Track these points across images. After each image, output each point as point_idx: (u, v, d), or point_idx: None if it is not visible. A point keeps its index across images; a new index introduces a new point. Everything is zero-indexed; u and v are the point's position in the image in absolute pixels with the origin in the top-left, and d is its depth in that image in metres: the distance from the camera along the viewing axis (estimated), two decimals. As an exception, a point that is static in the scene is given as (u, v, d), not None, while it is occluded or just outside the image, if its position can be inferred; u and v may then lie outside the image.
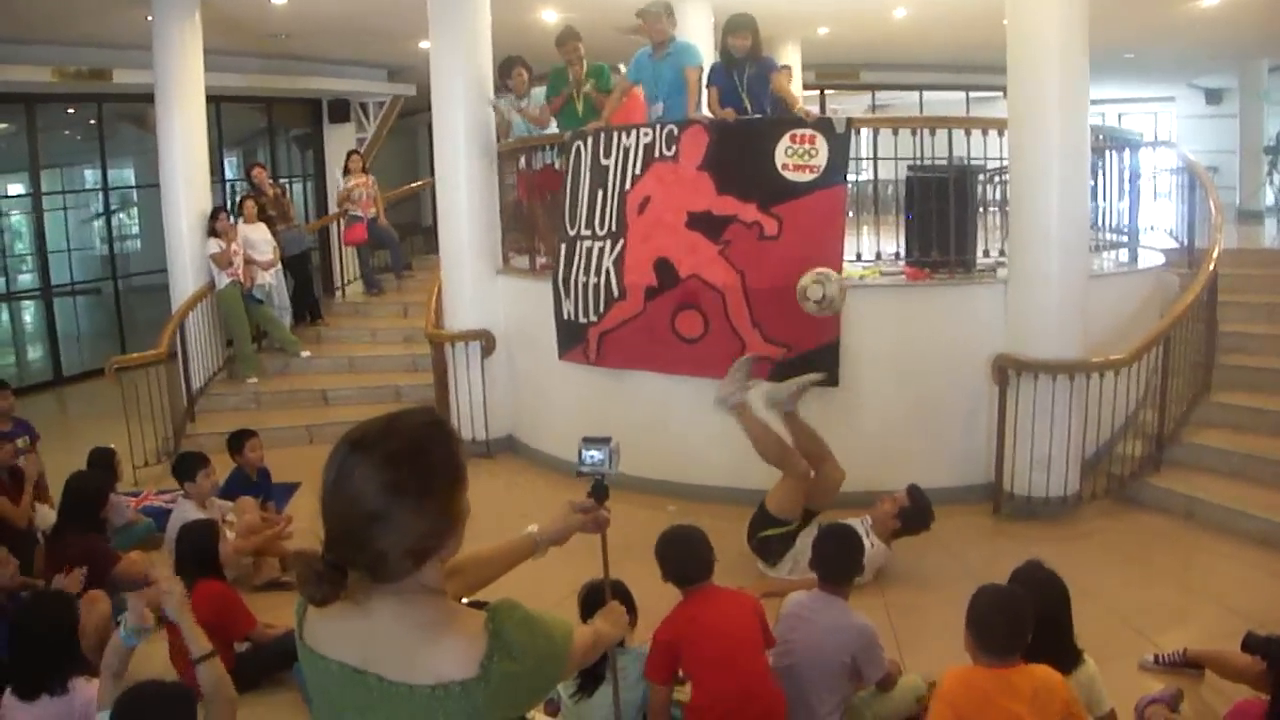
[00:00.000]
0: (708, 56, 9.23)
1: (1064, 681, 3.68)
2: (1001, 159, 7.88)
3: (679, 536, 4.42)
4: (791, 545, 6.21)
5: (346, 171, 12.82)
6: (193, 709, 3.53)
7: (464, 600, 2.53)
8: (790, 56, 14.40)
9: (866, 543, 5.48)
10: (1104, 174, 8.44)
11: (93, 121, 13.76)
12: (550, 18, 12.12)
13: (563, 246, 8.19)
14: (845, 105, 19.54)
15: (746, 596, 4.38)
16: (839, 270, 7.11)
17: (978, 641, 3.68)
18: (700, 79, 8.05)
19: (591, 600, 3.82)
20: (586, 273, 7.93)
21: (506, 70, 9.20)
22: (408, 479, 1.82)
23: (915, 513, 6.18)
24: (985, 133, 7.93)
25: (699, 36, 10.67)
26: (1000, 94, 12.23)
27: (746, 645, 4.11)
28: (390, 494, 1.81)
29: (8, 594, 5.15)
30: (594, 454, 2.84)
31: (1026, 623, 3.66)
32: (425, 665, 1.83)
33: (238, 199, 12.05)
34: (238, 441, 7.30)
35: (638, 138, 7.80)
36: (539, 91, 9.34)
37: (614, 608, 2.69)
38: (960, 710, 3.59)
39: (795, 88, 13.48)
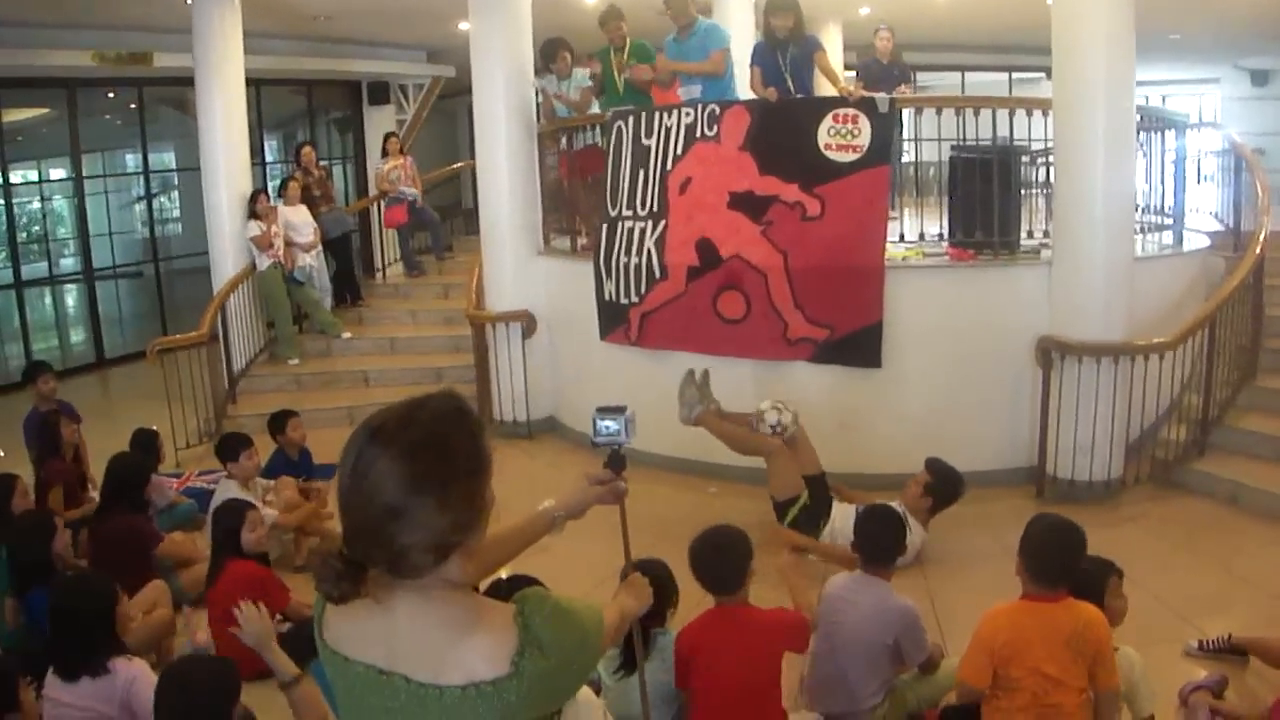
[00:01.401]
0: (750, 38, 9.17)
1: (1106, 623, 3.71)
2: (1046, 140, 7.79)
3: (712, 541, 4.08)
4: (817, 519, 6.24)
5: (385, 154, 12.87)
6: (236, 682, 3.55)
7: (483, 584, 2.48)
8: (831, 37, 14.30)
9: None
10: (1149, 156, 8.33)
11: (133, 105, 13.87)
12: (589, -1, 12.07)
13: (604, 227, 8.19)
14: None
15: (781, 621, 4.04)
16: (883, 251, 7.11)
17: (1029, 568, 3.75)
18: (725, 59, 8.09)
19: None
20: (628, 253, 7.93)
21: (550, 53, 9.17)
22: (429, 472, 1.73)
23: (941, 484, 6.14)
24: (1029, 113, 7.86)
25: (740, 17, 10.61)
26: (1044, 75, 12.14)
27: (756, 685, 3.86)
28: (411, 489, 1.71)
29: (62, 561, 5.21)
30: (609, 424, 2.78)
31: (1079, 552, 3.75)
32: (454, 664, 1.75)
33: (281, 179, 12.12)
34: (279, 422, 7.35)
35: (679, 118, 7.77)
36: (580, 72, 9.31)
37: (635, 579, 2.57)
38: (997, 653, 3.65)
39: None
